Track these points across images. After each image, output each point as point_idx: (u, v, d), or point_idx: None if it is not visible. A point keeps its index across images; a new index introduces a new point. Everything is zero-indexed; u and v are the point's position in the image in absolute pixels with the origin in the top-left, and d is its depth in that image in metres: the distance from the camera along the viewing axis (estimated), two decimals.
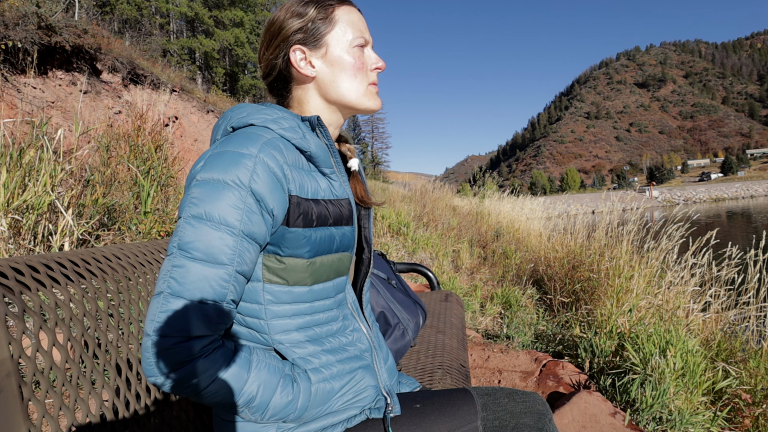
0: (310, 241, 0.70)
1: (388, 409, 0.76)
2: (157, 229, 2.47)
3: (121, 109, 7.64)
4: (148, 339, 0.60)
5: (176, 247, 0.63)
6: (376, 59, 0.82)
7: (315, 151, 0.72)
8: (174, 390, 0.61)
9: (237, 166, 0.64)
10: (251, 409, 0.65)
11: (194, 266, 0.61)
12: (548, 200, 10.21)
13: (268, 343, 0.71)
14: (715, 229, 3.14)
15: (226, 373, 0.62)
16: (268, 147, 0.66)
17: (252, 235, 0.65)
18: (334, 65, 0.77)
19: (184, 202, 0.65)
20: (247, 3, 24.04)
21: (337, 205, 0.73)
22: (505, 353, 2.59)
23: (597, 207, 5.03)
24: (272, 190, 0.66)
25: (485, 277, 5.34)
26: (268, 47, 0.79)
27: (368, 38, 0.81)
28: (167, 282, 0.61)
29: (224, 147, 0.67)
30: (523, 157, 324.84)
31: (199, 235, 0.62)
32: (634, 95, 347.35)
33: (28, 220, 1.95)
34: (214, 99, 13.55)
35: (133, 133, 3.20)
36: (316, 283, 0.72)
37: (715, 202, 63.61)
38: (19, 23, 5.84)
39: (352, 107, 0.80)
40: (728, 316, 2.80)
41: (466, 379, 1.29)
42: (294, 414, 0.68)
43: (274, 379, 0.66)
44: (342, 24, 0.77)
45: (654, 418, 1.91)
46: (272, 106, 0.74)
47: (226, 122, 0.73)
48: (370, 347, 0.81)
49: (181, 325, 0.60)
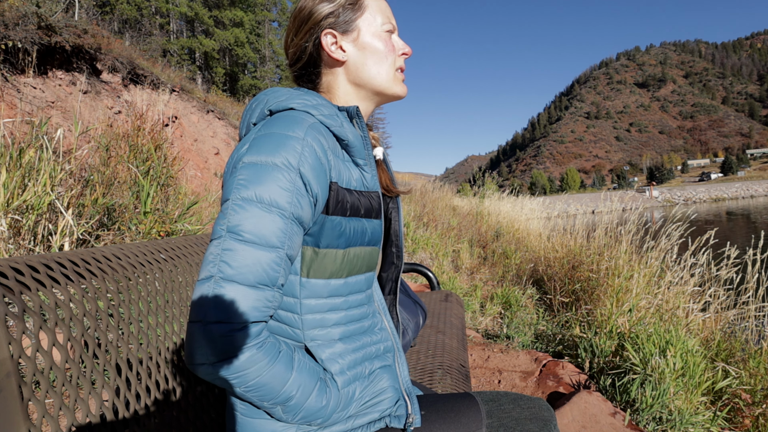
0: (345, 231, 0.68)
1: (409, 421, 0.75)
2: (157, 229, 2.47)
3: (120, 109, 7.64)
4: (198, 326, 0.57)
5: (225, 230, 0.60)
6: (403, 45, 0.82)
7: (352, 140, 0.71)
8: (219, 380, 0.59)
9: (285, 148, 0.63)
10: (285, 408, 0.64)
11: (246, 249, 0.59)
12: (548, 200, 10.21)
13: (299, 339, 0.69)
14: (714, 229, 3.14)
15: (273, 368, 0.61)
16: (313, 131, 0.66)
17: (300, 218, 0.64)
18: (365, 49, 0.78)
19: (231, 185, 0.63)
20: (247, 3, 24.04)
21: (367, 197, 0.72)
22: (505, 353, 2.59)
23: (597, 207, 5.03)
24: (317, 175, 0.64)
25: (485, 277, 5.34)
26: (297, 33, 0.78)
27: (395, 25, 0.81)
28: (218, 266, 0.59)
29: (269, 129, 0.66)
30: (523, 157, 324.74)
31: (249, 217, 0.60)
32: (634, 95, 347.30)
33: (28, 220, 1.95)
34: (214, 99, 13.54)
35: (132, 133, 3.20)
36: (350, 275, 0.71)
37: (715, 202, 63.60)
38: (19, 23, 5.84)
39: (381, 92, 0.80)
40: (728, 316, 2.80)
41: (466, 379, 1.29)
42: (322, 419, 0.67)
43: (312, 382, 0.65)
44: (371, 9, 0.78)
45: (654, 418, 1.91)
46: (310, 92, 0.73)
47: (262, 105, 0.71)
48: (394, 347, 0.80)
49: (237, 310, 0.58)
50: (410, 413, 0.75)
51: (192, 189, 5.62)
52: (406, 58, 0.83)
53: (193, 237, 1.22)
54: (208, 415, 0.96)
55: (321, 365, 0.69)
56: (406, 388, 0.78)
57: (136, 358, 0.80)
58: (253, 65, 25.35)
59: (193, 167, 8.77)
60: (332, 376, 0.69)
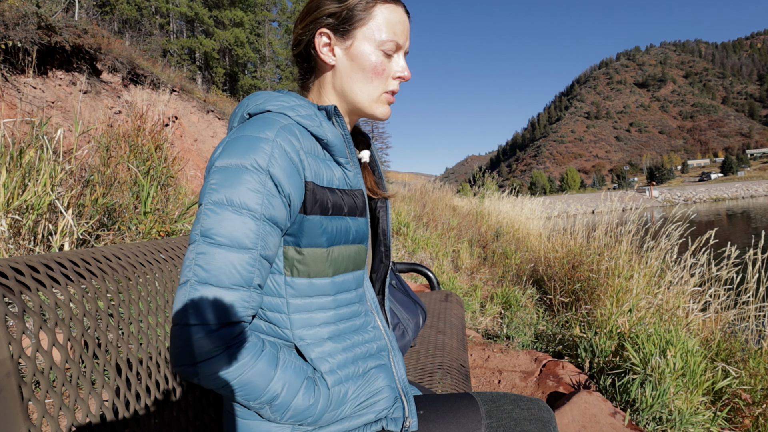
0: (326, 230, 0.69)
1: (406, 425, 0.74)
2: (157, 229, 2.47)
3: (121, 109, 7.64)
4: (177, 329, 0.58)
5: (199, 235, 0.62)
6: (402, 68, 0.78)
7: (331, 140, 0.71)
8: (202, 381, 0.60)
9: (254, 150, 0.63)
10: (272, 407, 0.64)
11: (219, 252, 0.60)
12: (548, 200, 10.20)
13: (288, 339, 0.70)
14: (714, 229, 3.14)
15: (255, 366, 0.61)
16: (284, 132, 0.66)
17: (273, 219, 0.64)
18: (354, 60, 0.75)
19: (204, 189, 0.64)
20: (247, 3, 24.04)
21: (351, 195, 0.72)
22: (505, 353, 2.59)
23: (597, 207, 5.03)
24: (289, 175, 0.65)
25: (485, 277, 5.34)
26: (301, 21, 0.78)
27: (402, 44, 0.77)
28: (193, 270, 0.60)
29: (241, 132, 0.66)
30: (523, 157, 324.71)
31: (221, 220, 0.61)
32: (634, 95, 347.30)
33: (28, 220, 1.95)
34: (214, 99, 13.55)
35: (133, 133, 3.20)
36: (336, 274, 0.71)
37: (715, 202, 63.60)
38: (19, 23, 5.84)
39: (360, 109, 0.79)
40: (728, 316, 2.80)
41: (466, 379, 1.29)
42: (312, 418, 0.67)
43: (298, 380, 0.66)
44: (378, 21, 0.74)
45: (654, 418, 1.91)
46: (289, 94, 0.74)
47: (243, 109, 0.72)
48: (388, 346, 0.80)
49: (213, 312, 0.59)
50: (407, 416, 0.75)
51: (192, 189, 5.62)
52: (402, 82, 0.79)
53: None
54: (208, 415, 0.96)
55: (311, 365, 0.69)
56: (403, 387, 0.78)
57: (136, 358, 0.80)
58: (253, 65, 25.34)
59: (193, 167, 8.77)
60: (322, 375, 0.69)
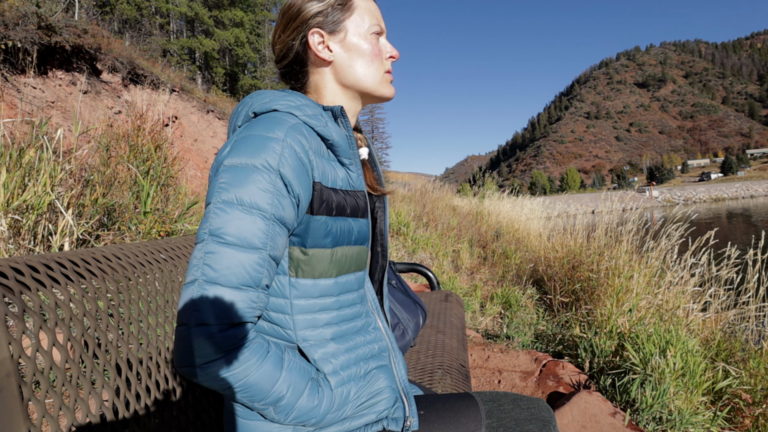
0: (331, 231, 0.69)
1: (406, 424, 0.74)
2: (156, 229, 2.47)
3: (120, 109, 7.64)
4: (184, 329, 0.58)
5: (207, 233, 0.61)
6: (390, 48, 0.82)
7: (336, 140, 0.72)
8: (207, 382, 0.59)
9: (265, 149, 0.63)
10: (277, 408, 0.64)
11: (228, 251, 0.60)
12: (548, 200, 10.20)
13: (291, 340, 0.70)
14: (714, 229, 3.14)
15: (261, 368, 0.61)
16: (293, 132, 0.66)
17: (282, 219, 0.64)
18: (351, 50, 0.78)
19: (213, 188, 0.64)
20: (247, 3, 24.04)
21: (353, 196, 0.73)
22: (505, 353, 2.59)
23: (597, 207, 5.03)
24: (299, 176, 0.65)
25: (485, 277, 5.34)
26: (285, 30, 0.78)
27: (383, 27, 0.82)
28: (201, 269, 0.60)
29: (249, 131, 0.66)
30: (523, 157, 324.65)
31: (230, 220, 0.61)
32: (634, 95, 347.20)
33: (28, 220, 1.95)
34: (214, 99, 13.55)
35: (132, 133, 3.20)
36: (340, 275, 0.71)
37: (715, 202, 63.57)
38: (19, 23, 5.84)
39: (368, 93, 0.81)
40: (728, 316, 2.80)
41: (466, 379, 1.29)
42: (315, 419, 0.67)
43: (303, 381, 0.65)
44: (360, 11, 0.78)
45: (654, 418, 1.91)
46: (294, 93, 0.74)
47: (247, 108, 0.72)
48: (388, 346, 0.80)
49: (221, 312, 0.58)
50: (408, 416, 0.75)
51: (192, 189, 5.62)
52: (394, 61, 0.83)
53: (193, 237, 1.22)
54: (208, 415, 0.96)
55: (314, 365, 0.69)
56: (404, 387, 0.78)
57: (136, 358, 0.80)
58: (253, 65, 25.34)
59: (193, 167, 8.77)
60: (325, 376, 0.69)
